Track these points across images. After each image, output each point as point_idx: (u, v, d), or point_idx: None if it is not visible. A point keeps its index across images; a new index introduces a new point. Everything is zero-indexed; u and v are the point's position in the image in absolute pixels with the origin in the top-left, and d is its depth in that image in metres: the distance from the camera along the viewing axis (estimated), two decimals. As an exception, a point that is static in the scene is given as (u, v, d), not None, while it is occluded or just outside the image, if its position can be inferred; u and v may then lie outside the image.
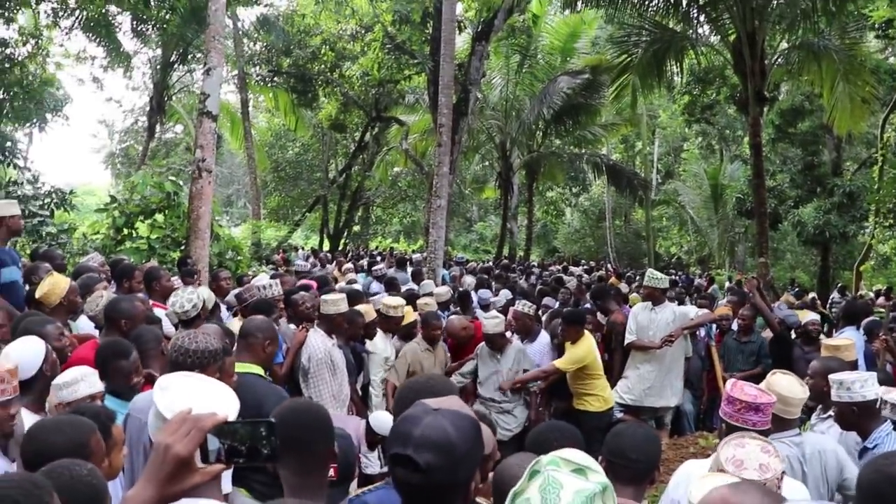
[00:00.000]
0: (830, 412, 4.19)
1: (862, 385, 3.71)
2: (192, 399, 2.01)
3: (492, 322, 6.53)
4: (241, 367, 3.70)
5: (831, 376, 3.88)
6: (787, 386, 3.60)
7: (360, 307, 6.24)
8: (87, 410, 2.68)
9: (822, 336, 7.63)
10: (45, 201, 11.48)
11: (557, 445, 2.50)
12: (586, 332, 6.74)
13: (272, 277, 7.87)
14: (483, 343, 6.68)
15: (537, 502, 1.62)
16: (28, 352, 3.34)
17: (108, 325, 4.57)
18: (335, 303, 5.68)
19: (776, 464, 2.58)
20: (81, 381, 3.20)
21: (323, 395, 5.30)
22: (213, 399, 1.71)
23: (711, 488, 2.30)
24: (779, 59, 16.15)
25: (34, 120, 16.60)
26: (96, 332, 5.03)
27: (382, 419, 4.51)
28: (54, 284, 5.13)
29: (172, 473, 1.45)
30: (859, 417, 3.73)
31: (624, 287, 12.62)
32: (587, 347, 6.64)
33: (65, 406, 3.17)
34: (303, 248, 27.55)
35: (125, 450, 2.75)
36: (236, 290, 7.06)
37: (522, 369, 6.57)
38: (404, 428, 1.74)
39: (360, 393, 6.27)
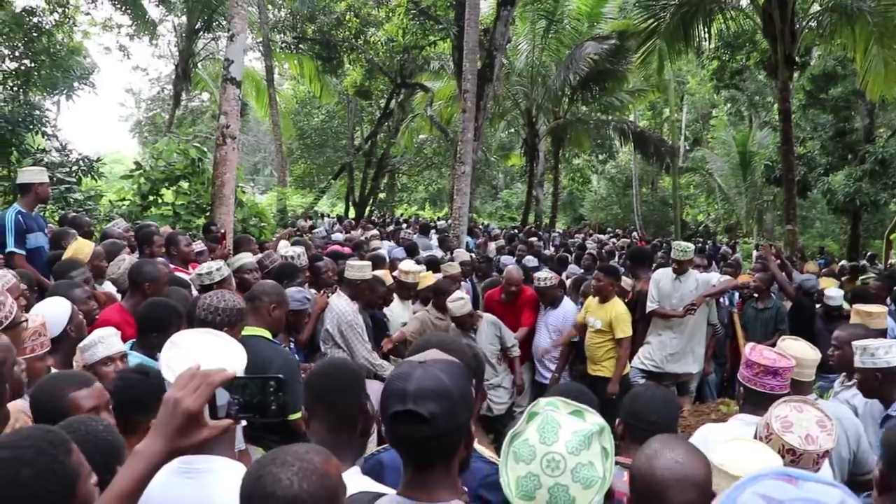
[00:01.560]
0: (855, 379, 4.15)
1: (886, 351, 3.66)
2: (195, 356, 2.06)
3: (457, 304, 6.20)
4: (247, 331, 3.74)
5: (855, 343, 3.82)
6: (798, 348, 3.56)
7: (378, 273, 6.26)
8: (150, 370, 2.70)
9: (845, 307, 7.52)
10: (73, 169, 11.60)
11: None
12: (616, 297, 6.84)
13: (294, 244, 7.92)
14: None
15: (535, 441, 1.63)
16: (53, 312, 3.44)
17: (133, 288, 4.65)
18: (360, 268, 5.70)
19: (825, 441, 2.51)
20: (99, 343, 3.25)
21: (365, 356, 5.35)
22: (219, 355, 1.74)
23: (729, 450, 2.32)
24: (810, 23, 15.80)
25: (62, 88, 16.74)
26: (118, 297, 5.11)
27: None
28: (78, 250, 5.23)
29: (181, 427, 1.48)
30: (882, 384, 3.68)
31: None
32: (623, 306, 6.78)
33: (88, 367, 3.23)
34: (328, 216, 27.67)
35: None
36: (258, 256, 7.12)
37: (498, 338, 6.49)
38: (397, 386, 1.75)
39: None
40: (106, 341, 3.26)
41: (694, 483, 1.86)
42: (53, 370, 3.33)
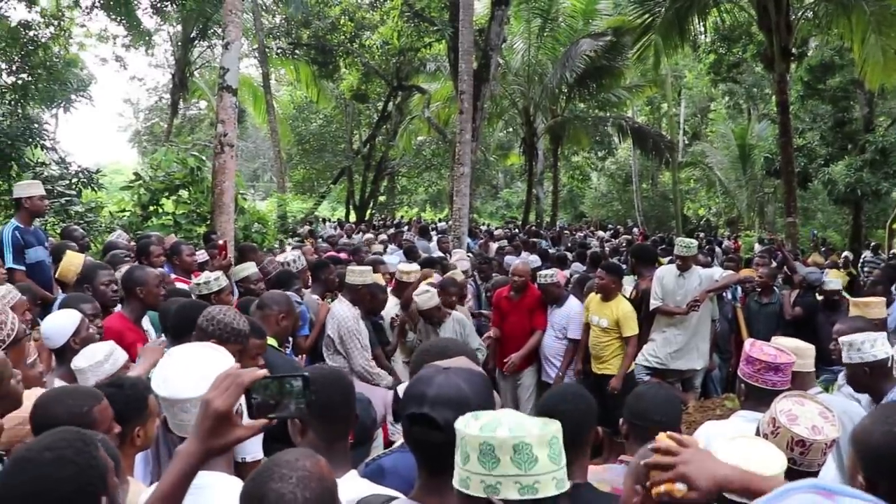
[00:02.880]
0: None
1: (872, 345, 3.67)
2: (187, 368, 2.16)
3: (424, 297, 6.17)
4: None
5: (841, 339, 3.84)
6: (791, 343, 3.57)
7: (370, 270, 6.16)
8: (126, 381, 2.73)
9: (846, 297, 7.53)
10: (73, 181, 11.59)
11: (570, 411, 2.53)
12: (620, 294, 6.91)
13: (294, 248, 7.92)
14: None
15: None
16: (57, 323, 3.47)
17: (127, 295, 4.65)
18: (361, 273, 5.70)
19: (830, 431, 2.52)
20: (105, 363, 3.25)
21: (362, 364, 5.34)
22: (211, 368, 1.76)
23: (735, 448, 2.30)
24: (806, 13, 15.79)
25: (59, 101, 16.74)
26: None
27: None
28: (68, 263, 5.28)
29: (213, 428, 1.54)
30: (871, 378, 3.68)
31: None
32: (628, 304, 6.84)
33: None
34: (329, 220, 27.69)
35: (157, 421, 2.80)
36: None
37: (461, 336, 6.34)
38: (418, 389, 1.78)
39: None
40: (111, 358, 3.26)
41: None
42: (58, 381, 3.35)
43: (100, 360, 3.23)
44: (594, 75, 24.35)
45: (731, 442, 2.37)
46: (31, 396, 2.56)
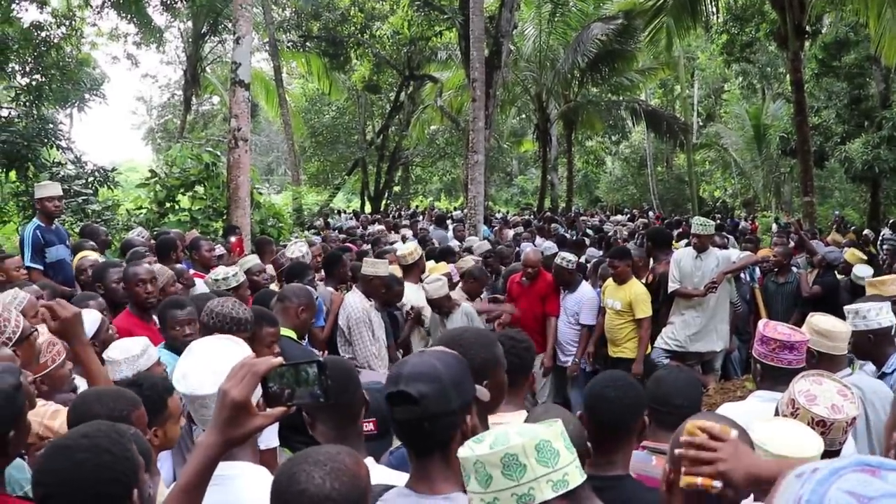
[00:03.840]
0: None
1: (877, 313, 3.78)
2: (207, 363, 2.18)
3: (435, 285, 6.17)
4: None
5: (846, 307, 3.97)
6: (829, 322, 3.55)
7: (384, 262, 6.14)
8: (146, 380, 2.73)
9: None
10: (89, 180, 11.68)
11: (618, 398, 2.52)
12: (633, 277, 6.92)
13: (297, 243, 7.95)
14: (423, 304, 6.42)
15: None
16: None
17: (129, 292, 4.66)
18: (374, 265, 5.72)
19: (850, 408, 2.52)
20: (140, 357, 3.27)
21: (365, 355, 5.35)
22: (231, 362, 1.76)
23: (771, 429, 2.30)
24: (820, -10, 15.58)
25: (73, 101, 16.86)
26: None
27: None
28: (79, 261, 5.37)
29: (231, 418, 1.54)
30: (874, 345, 3.80)
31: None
32: (641, 286, 6.86)
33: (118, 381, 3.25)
34: (345, 212, 27.73)
35: (182, 420, 2.80)
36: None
37: None
38: (394, 371, 1.88)
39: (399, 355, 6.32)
40: (146, 354, 3.27)
41: None
42: (79, 378, 3.37)
43: (136, 354, 3.24)
44: (606, 59, 24.20)
45: (767, 423, 2.37)
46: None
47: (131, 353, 3.24)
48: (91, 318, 3.60)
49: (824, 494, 0.88)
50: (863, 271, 7.48)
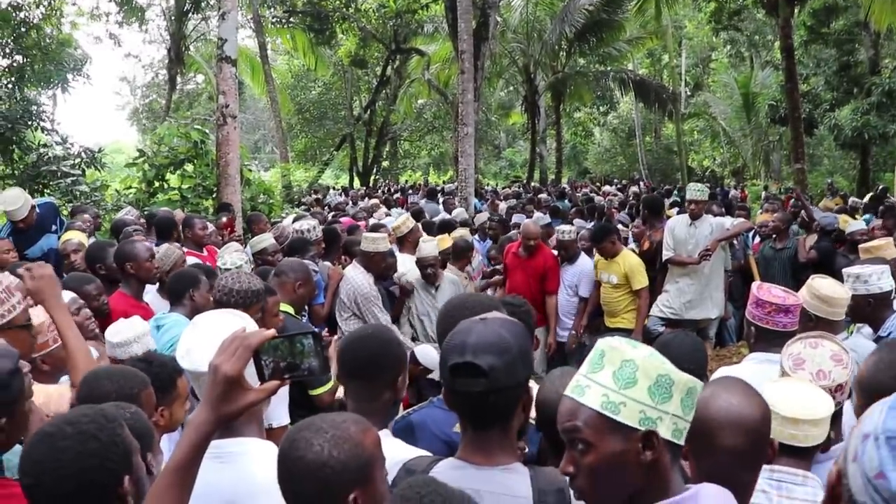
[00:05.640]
0: None
1: (878, 277, 3.83)
2: (213, 337, 2.06)
3: (430, 245, 6.11)
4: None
5: (845, 270, 4.00)
6: (828, 286, 3.56)
7: (383, 237, 6.07)
8: (155, 360, 2.70)
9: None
10: (76, 161, 11.55)
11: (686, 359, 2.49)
12: (624, 248, 6.91)
13: (297, 219, 7.90)
14: (417, 276, 6.26)
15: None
16: None
17: (121, 272, 4.61)
18: (374, 241, 5.66)
19: (839, 374, 2.49)
20: (135, 342, 3.22)
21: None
22: (220, 333, 1.72)
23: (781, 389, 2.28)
24: (808, -45, 15.48)
25: (56, 81, 16.55)
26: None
27: (429, 352, 4.51)
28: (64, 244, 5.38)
29: (223, 393, 1.47)
30: (873, 309, 3.84)
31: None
32: (634, 256, 6.87)
33: (115, 362, 3.21)
34: (334, 188, 27.62)
35: (188, 403, 2.77)
36: (274, 232, 7.10)
37: None
38: (458, 339, 1.76)
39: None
40: (142, 341, 3.23)
41: (747, 428, 1.82)
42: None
43: (129, 338, 3.21)
44: (594, 29, 24.08)
45: (776, 384, 2.35)
46: (40, 392, 2.53)
47: (139, 330, 3.22)
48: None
49: None
50: (856, 226, 7.55)
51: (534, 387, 2.51)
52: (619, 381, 1.41)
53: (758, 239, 8.73)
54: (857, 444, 1.01)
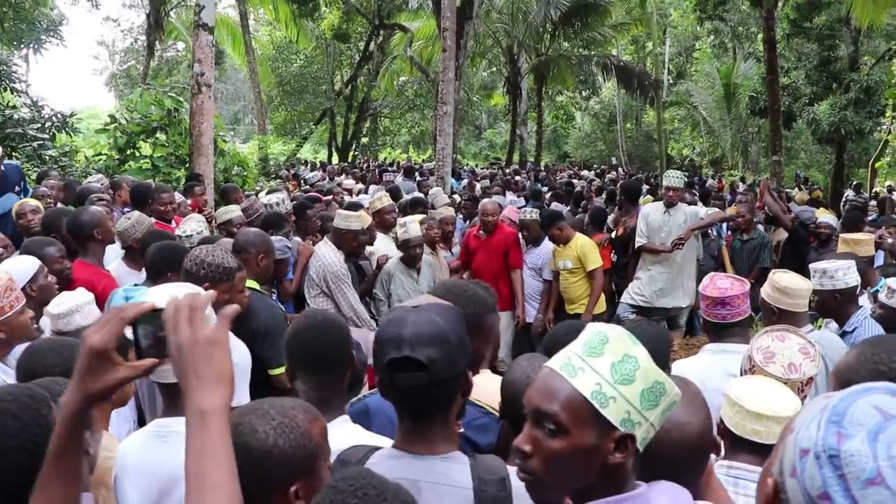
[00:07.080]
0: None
1: (845, 272, 3.86)
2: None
3: (414, 226, 6.02)
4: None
5: (812, 265, 4.03)
6: (788, 278, 3.57)
7: (357, 216, 6.02)
8: None
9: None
10: (46, 125, 11.30)
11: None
12: (576, 232, 6.89)
13: (271, 192, 7.81)
14: (397, 258, 6.16)
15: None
16: (14, 269, 3.32)
17: (84, 240, 4.56)
18: (347, 218, 5.56)
19: (808, 368, 2.52)
20: (76, 312, 3.08)
21: (350, 311, 5.24)
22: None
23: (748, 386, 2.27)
24: (794, -52, 15.46)
25: (28, 41, 16.28)
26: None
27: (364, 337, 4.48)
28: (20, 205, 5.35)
29: (90, 367, 1.32)
30: (839, 304, 3.89)
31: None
32: (586, 238, 6.85)
33: (61, 335, 3.11)
34: (312, 163, 27.40)
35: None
36: (243, 205, 6.99)
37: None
38: (392, 331, 1.67)
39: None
40: (83, 310, 3.09)
41: (684, 440, 1.74)
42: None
43: (70, 308, 3.10)
44: (579, 13, 23.98)
45: (744, 381, 2.36)
46: None
47: (81, 300, 3.12)
48: (27, 264, 3.49)
49: (851, 404, 0.95)
50: (826, 217, 7.59)
51: (495, 378, 2.46)
52: (616, 375, 1.36)
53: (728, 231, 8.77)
54: (793, 459, 0.97)
